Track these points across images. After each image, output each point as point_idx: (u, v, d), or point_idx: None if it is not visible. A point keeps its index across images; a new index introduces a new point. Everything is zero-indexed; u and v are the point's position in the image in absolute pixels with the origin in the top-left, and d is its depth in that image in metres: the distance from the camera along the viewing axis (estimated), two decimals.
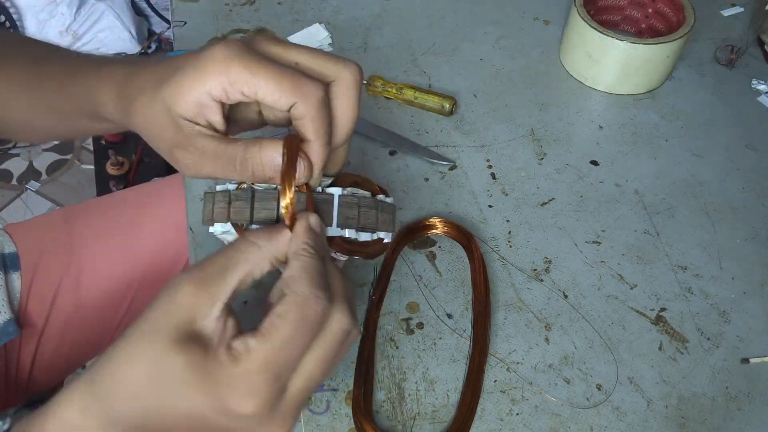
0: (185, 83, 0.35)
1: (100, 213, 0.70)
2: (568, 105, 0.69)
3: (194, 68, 0.35)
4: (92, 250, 0.67)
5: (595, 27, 0.66)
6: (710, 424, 0.48)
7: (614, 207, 0.60)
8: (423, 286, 0.54)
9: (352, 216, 0.41)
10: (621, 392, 0.49)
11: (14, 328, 0.60)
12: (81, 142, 1.73)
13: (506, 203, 0.60)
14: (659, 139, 0.66)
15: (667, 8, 0.71)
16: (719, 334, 0.52)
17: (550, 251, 0.57)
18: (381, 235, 0.44)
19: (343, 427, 0.46)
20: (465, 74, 0.72)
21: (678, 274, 0.56)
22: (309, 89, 0.35)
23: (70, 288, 0.66)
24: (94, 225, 0.69)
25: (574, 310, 0.53)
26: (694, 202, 0.61)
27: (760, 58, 0.74)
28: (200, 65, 0.35)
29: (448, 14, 0.79)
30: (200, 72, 0.35)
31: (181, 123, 0.36)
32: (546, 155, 0.64)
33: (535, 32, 0.77)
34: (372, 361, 0.49)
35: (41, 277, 0.64)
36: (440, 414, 0.47)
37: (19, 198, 1.63)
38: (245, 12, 0.77)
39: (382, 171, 0.62)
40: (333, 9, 0.78)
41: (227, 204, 0.41)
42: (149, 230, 0.70)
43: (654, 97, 0.70)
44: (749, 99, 0.70)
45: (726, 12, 0.80)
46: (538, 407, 0.48)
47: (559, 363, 0.50)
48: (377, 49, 0.74)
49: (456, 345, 0.51)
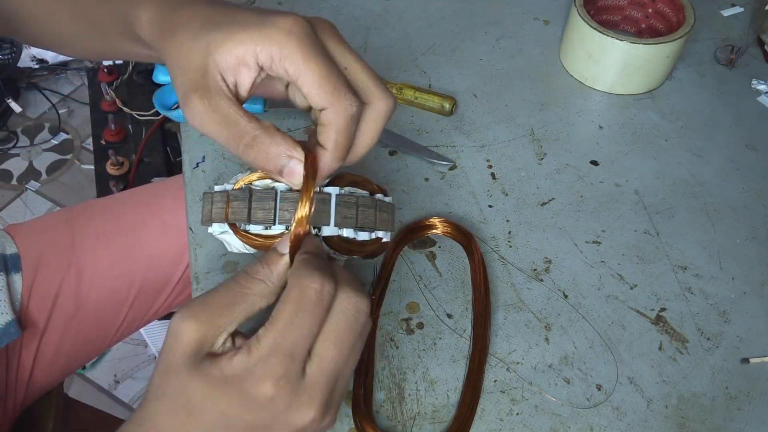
0: (238, 37, 0.34)
1: (101, 214, 0.70)
2: (568, 105, 0.69)
3: (256, 27, 0.34)
4: (93, 251, 0.67)
5: (595, 27, 0.66)
6: (710, 424, 0.48)
7: (614, 207, 0.60)
8: (423, 286, 0.54)
9: (350, 215, 0.41)
10: (621, 392, 0.49)
11: (16, 329, 0.60)
12: (81, 142, 1.73)
13: (506, 203, 0.60)
14: (659, 139, 0.66)
15: (667, 8, 0.71)
16: (719, 334, 0.52)
17: (550, 251, 0.57)
18: (379, 235, 0.44)
19: (343, 427, 0.46)
20: (465, 74, 0.72)
21: (678, 274, 0.56)
22: (346, 101, 0.35)
23: (71, 289, 0.66)
24: (96, 226, 0.69)
25: (574, 310, 0.53)
26: (694, 202, 0.61)
27: (760, 58, 0.74)
28: (262, 27, 0.34)
29: (448, 14, 0.79)
30: (259, 34, 0.34)
31: (212, 71, 0.35)
32: (546, 155, 0.64)
33: (535, 32, 0.77)
34: (372, 361, 0.49)
35: (42, 278, 0.64)
36: (440, 414, 0.47)
37: (19, 198, 1.63)
38: None
39: (382, 171, 0.62)
40: (333, 9, 0.78)
41: (225, 204, 0.41)
42: (150, 231, 0.70)
43: (654, 97, 0.70)
44: (749, 99, 0.70)
45: (726, 12, 0.80)
46: (538, 407, 0.48)
47: (559, 363, 0.50)
48: (377, 49, 0.74)
49: (456, 345, 0.51)
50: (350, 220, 0.41)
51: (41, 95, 1.80)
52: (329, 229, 0.41)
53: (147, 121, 1.41)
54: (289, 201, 0.40)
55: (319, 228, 0.41)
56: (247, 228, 0.41)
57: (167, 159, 1.37)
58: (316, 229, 0.41)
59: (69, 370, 0.71)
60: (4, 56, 1.66)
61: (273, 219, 0.40)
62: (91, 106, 1.49)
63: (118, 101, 1.42)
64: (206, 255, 0.54)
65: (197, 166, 0.61)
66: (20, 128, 1.77)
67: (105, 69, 1.49)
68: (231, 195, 0.41)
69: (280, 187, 0.41)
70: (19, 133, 1.76)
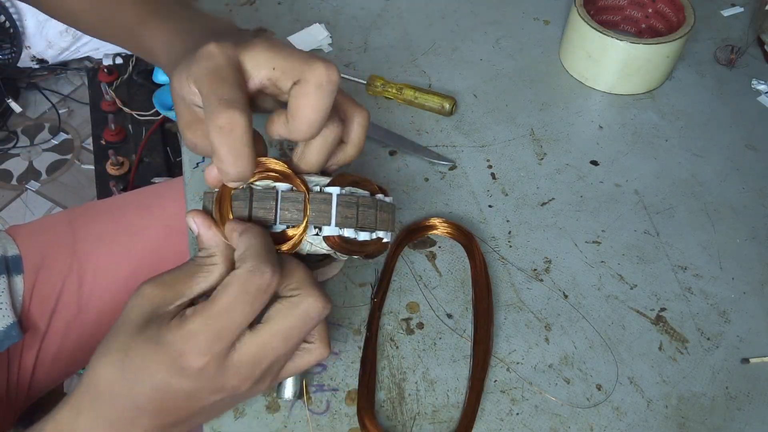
0: (184, 70, 0.38)
1: (102, 215, 0.70)
2: (568, 105, 0.69)
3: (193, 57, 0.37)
4: (95, 252, 0.67)
5: (595, 27, 0.66)
6: (710, 424, 0.48)
7: (614, 207, 0.60)
8: (423, 286, 0.54)
9: (350, 215, 0.41)
10: (621, 392, 0.49)
11: (17, 331, 0.60)
12: (81, 142, 1.73)
13: (506, 203, 0.60)
14: (659, 139, 0.66)
15: (667, 8, 0.71)
16: (719, 334, 0.52)
17: (550, 251, 0.57)
18: (380, 235, 0.44)
19: (343, 427, 0.46)
20: (465, 74, 0.72)
21: (678, 274, 0.56)
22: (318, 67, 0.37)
23: (73, 290, 0.66)
24: (97, 227, 0.69)
25: (574, 310, 0.53)
26: (694, 202, 0.61)
27: (760, 58, 0.74)
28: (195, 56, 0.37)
29: (448, 14, 0.79)
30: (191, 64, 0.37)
31: (188, 103, 0.39)
32: (546, 155, 0.64)
33: (535, 32, 0.77)
34: (374, 361, 0.49)
35: (44, 280, 0.64)
36: (440, 414, 0.47)
37: (19, 198, 1.63)
38: (245, 12, 0.77)
39: (382, 171, 0.62)
40: (333, 9, 0.78)
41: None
42: (152, 232, 0.70)
43: (654, 97, 0.70)
44: (749, 99, 0.70)
45: (726, 12, 0.80)
46: (538, 407, 0.48)
47: (559, 363, 0.50)
48: (377, 49, 0.74)
49: (456, 345, 0.51)
50: (351, 220, 0.41)
51: (41, 95, 1.80)
52: (330, 229, 0.41)
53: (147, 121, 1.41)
54: (289, 201, 0.40)
55: (320, 228, 0.41)
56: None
57: (167, 159, 1.37)
58: (317, 229, 0.41)
59: (70, 372, 0.71)
60: (4, 56, 1.66)
61: (274, 218, 0.40)
62: (91, 106, 1.50)
63: (118, 101, 1.42)
64: None
65: (197, 166, 0.61)
66: (20, 128, 1.77)
67: (105, 69, 1.49)
68: (232, 194, 0.41)
69: (280, 186, 0.41)
70: (19, 133, 1.76)
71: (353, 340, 0.50)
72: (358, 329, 0.51)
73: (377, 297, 0.52)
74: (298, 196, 0.40)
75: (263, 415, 0.46)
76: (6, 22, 1.60)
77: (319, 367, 0.49)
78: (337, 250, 0.42)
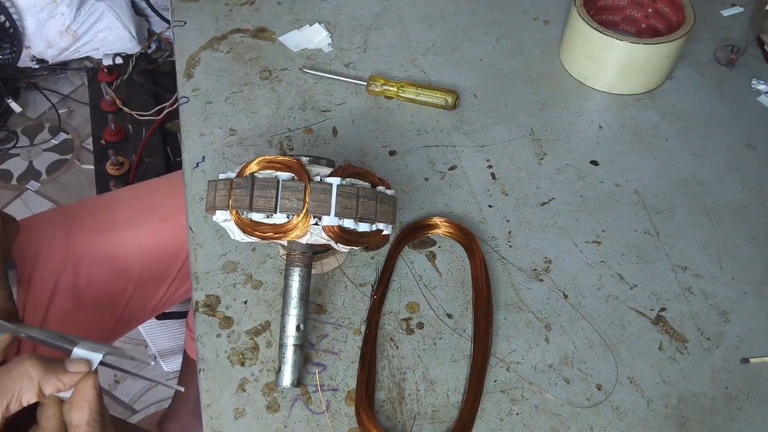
0: None
1: (97, 210, 0.70)
2: (568, 105, 0.69)
3: None
4: (90, 247, 0.67)
5: (595, 27, 0.66)
6: (710, 424, 0.48)
7: (614, 207, 0.60)
8: (423, 286, 0.54)
9: (350, 206, 0.41)
10: (621, 392, 0.49)
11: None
12: (81, 142, 1.73)
13: (506, 203, 0.60)
14: (659, 139, 0.66)
15: (667, 8, 0.71)
16: (719, 334, 0.52)
17: (550, 251, 0.57)
18: (380, 227, 0.44)
19: (343, 427, 0.46)
20: (465, 74, 0.72)
21: (678, 274, 0.56)
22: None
23: (68, 284, 0.66)
24: (92, 222, 0.69)
25: (574, 310, 0.53)
26: (694, 202, 0.61)
27: (760, 58, 0.74)
28: None
29: (448, 14, 0.79)
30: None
31: None
32: (546, 155, 0.64)
33: (535, 32, 0.77)
34: (374, 361, 0.49)
35: (40, 274, 0.64)
36: (440, 414, 0.47)
37: (19, 198, 1.63)
38: (245, 12, 0.77)
39: (382, 171, 0.62)
40: (333, 9, 0.78)
41: (228, 192, 0.41)
42: (148, 226, 0.70)
43: (654, 97, 0.70)
44: (749, 99, 0.70)
45: (726, 12, 0.80)
46: (538, 407, 0.48)
47: (559, 363, 0.50)
48: (377, 49, 0.74)
49: (456, 345, 0.51)
50: (351, 210, 0.41)
51: (41, 95, 1.80)
52: (329, 219, 0.41)
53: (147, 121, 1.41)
54: (290, 190, 0.40)
55: (319, 218, 0.41)
56: (249, 216, 0.41)
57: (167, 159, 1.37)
58: (317, 218, 0.41)
59: None
60: (4, 56, 1.66)
61: (274, 207, 0.40)
62: (91, 106, 1.49)
63: (118, 101, 1.42)
64: (206, 255, 0.54)
65: (197, 166, 0.61)
66: (20, 128, 1.77)
67: (105, 69, 1.49)
68: (234, 183, 0.41)
69: (282, 176, 0.41)
70: (19, 133, 1.76)
71: (353, 340, 0.50)
72: (358, 329, 0.51)
73: (377, 294, 0.52)
74: (298, 185, 0.40)
75: (263, 415, 0.46)
76: (6, 22, 1.60)
77: (319, 367, 0.49)
78: (337, 241, 0.42)
